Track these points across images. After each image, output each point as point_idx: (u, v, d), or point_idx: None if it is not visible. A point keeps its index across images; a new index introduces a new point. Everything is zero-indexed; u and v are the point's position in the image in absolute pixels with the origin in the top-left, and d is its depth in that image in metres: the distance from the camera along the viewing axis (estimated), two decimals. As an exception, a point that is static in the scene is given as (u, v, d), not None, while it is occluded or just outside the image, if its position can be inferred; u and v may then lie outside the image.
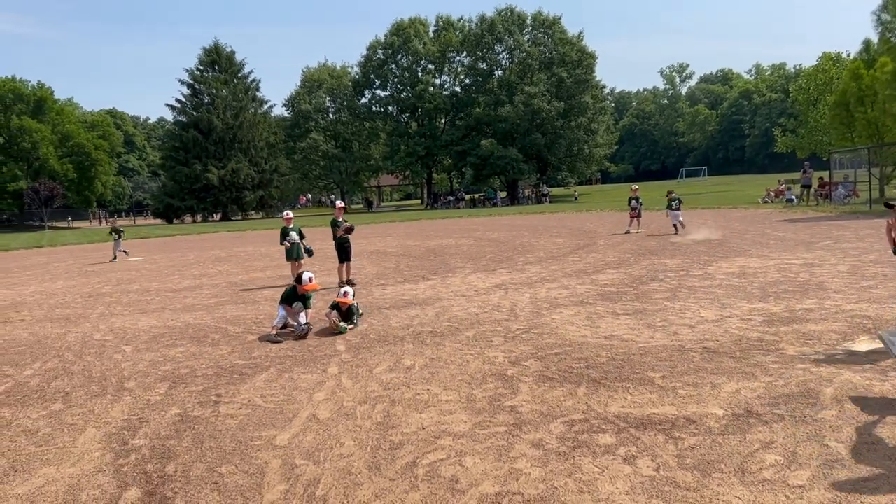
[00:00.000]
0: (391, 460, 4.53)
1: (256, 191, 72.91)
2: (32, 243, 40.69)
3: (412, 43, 72.72)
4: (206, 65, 74.48)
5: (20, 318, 11.82)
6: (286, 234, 14.06)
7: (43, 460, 4.95)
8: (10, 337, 10.07)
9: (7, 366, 8.13)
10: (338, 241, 13.46)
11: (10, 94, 76.30)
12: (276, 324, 8.94)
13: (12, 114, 75.70)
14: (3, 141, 74.79)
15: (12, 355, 8.75)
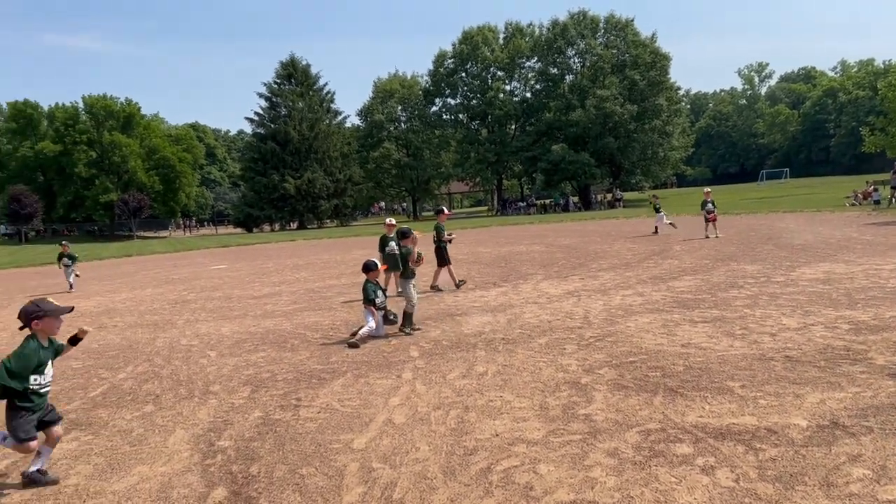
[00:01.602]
0: (466, 466, 4.59)
1: (331, 200, 74.56)
2: (122, 252, 42.86)
3: (481, 50, 73.03)
4: (283, 78, 76.79)
5: (113, 324, 12.50)
6: (386, 243, 13.29)
7: (137, 459, 5.24)
8: (105, 342, 10.66)
9: (103, 369, 8.62)
10: (438, 246, 13.78)
11: (102, 111, 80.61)
12: (372, 325, 9.10)
13: (104, 130, 79.96)
14: (96, 155, 79.03)
15: (107, 359, 9.27)
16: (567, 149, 65.44)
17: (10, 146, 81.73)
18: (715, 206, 21.71)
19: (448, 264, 13.93)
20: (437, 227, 14.03)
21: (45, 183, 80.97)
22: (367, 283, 9.41)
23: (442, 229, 13.95)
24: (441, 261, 13.88)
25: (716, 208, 21.78)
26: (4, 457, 5.49)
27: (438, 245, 13.86)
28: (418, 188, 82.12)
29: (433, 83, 77.66)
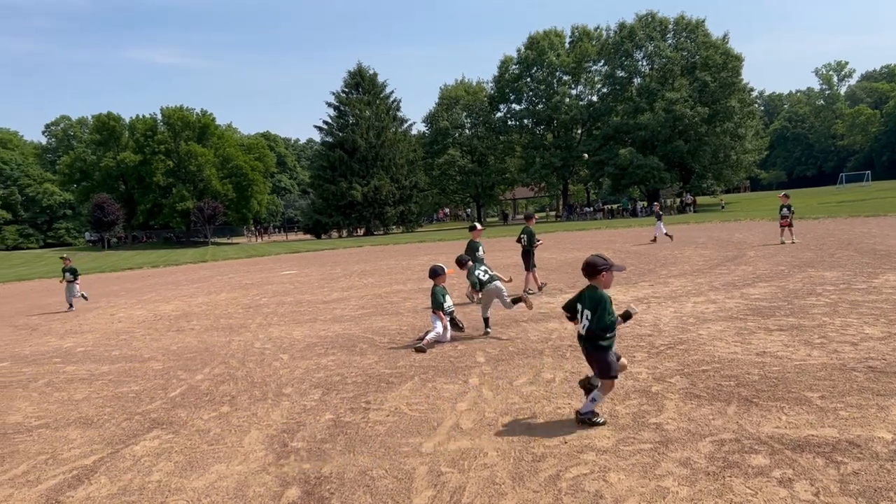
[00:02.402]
0: (534, 472, 4.59)
1: (397, 206, 75.43)
2: (198, 258, 44.42)
3: (547, 55, 72.68)
4: (350, 87, 78.24)
5: (190, 327, 12.98)
6: (475, 250, 12.65)
7: (214, 458, 5.44)
8: (183, 344, 11.08)
9: (181, 370, 8.97)
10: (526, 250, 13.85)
11: (179, 121, 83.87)
12: (440, 331, 9.18)
13: (181, 140, 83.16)
14: (173, 165, 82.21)
15: (185, 361, 9.63)
16: (635, 152, 64.42)
17: (95, 157, 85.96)
18: (792, 211, 20.95)
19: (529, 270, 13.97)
20: (527, 231, 14.00)
21: (127, 192, 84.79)
22: (435, 287, 9.49)
23: (533, 234, 13.95)
24: (527, 264, 13.94)
25: (792, 213, 21.01)
26: (93, 452, 5.79)
27: (528, 249, 13.86)
28: (483, 194, 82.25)
29: (498, 89, 77.72)
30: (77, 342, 12.25)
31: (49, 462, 5.63)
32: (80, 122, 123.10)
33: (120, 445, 5.92)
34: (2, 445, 6.21)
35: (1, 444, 6.27)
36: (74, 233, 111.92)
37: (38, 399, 8.00)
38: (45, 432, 6.54)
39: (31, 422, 6.97)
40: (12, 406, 7.73)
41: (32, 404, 7.75)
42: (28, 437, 6.41)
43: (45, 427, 6.72)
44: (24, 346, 12.41)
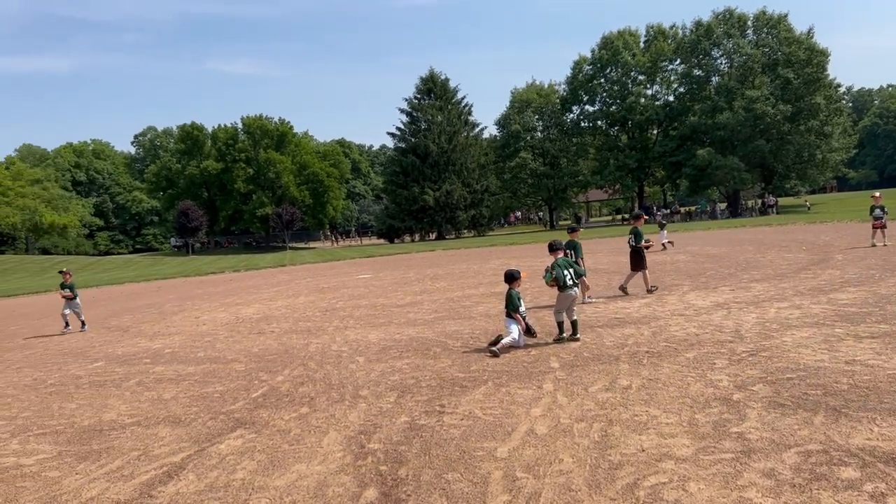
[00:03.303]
0: (611, 480, 4.53)
1: (469, 210, 75.65)
2: (277, 262, 45.73)
3: (621, 55, 71.46)
4: (422, 93, 79.02)
5: (270, 330, 13.38)
6: (577, 251, 13.05)
7: (295, 458, 5.60)
8: (264, 346, 11.44)
9: (262, 372, 9.27)
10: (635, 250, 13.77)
11: (258, 130, 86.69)
12: (515, 335, 9.17)
13: (260, 148, 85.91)
14: (253, 172, 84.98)
15: (266, 363, 9.95)
16: (714, 153, 62.51)
17: (180, 165, 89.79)
18: (885, 212, 19.90)
19: (642, 269, 13.86)
20: (635, 231, 13.88)
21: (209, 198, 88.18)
22: (510, 291, 9.45)
23: (641, 234, 13.81)
24: (637, 265, 13.82)
25: (886, 214, 19.95)
26: (181, 449, 6.05)
27: (635, 249, 13.74)
28: (555, 197, 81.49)
29: (571, 90, 76.94)
30: (165, 344, 12.82)
31: (141, 458, 5.92)
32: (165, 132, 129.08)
33: (206, 444, 6.17)
34: (99, 441, 6.57)
35: (98, 439, 6.64)
36: (161, 238, 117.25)
37: (130, 398, 8.42)
38: (137, 429, 6.88)
39: (125, 419, 7.34)
40: (107, 404, 8.17)
41: (125, 403, 8.17)
42: (122, 434, 6.75)
43: (137, 425, 7.07)
44: (116, 346, 13.08)
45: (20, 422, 7.68)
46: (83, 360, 11.83)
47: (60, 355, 12.63)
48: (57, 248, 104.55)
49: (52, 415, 7.88)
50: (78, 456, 6.15)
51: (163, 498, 4.95)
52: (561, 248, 9.89)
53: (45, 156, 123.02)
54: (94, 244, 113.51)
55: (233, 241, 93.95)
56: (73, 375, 10.36)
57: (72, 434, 6.93)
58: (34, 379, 10.39)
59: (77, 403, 8.37)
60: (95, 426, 7.15)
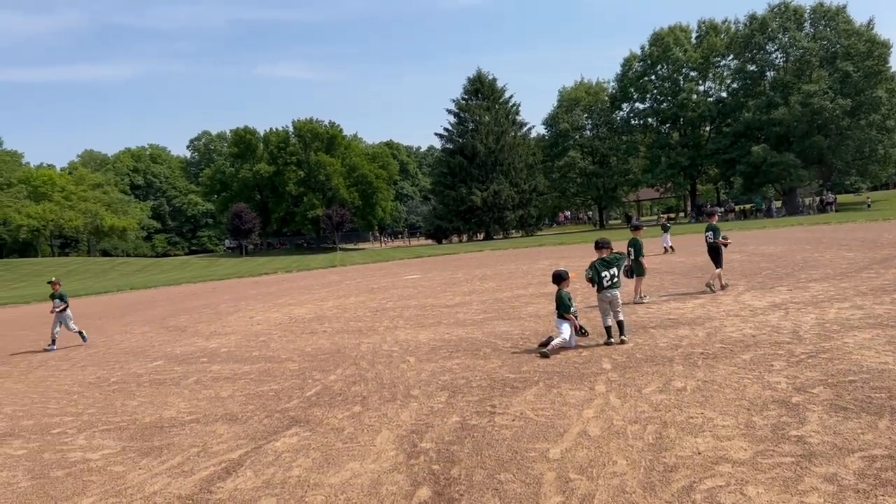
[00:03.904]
0: (666, 483, 4.47)
1: (516, 210, 75.34)
2: (327, 263, 46.36)
3: (672, 51, 70.22)
4: (470, 93, 79.03)
5: (322, 330, 13.59)
6: (639, 249, 13.02)
7: (349, 455, 5.68)
8: (317, 346, 11.63)
9: (316, 371, 9.42)
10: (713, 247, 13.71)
11: (309, 133, 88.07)
12: (566, 336, 9.13)
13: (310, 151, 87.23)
14: (304, 174, 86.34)
15: (319, 362, 10.11)
16: (769, 149, 60.86)
17: (233, 168, 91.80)
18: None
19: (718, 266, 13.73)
20: (713, 228, 13.79)
21: (262, 201, 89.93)
22: (561, 292, 9.39)
23: (718, 230, 13.66)
24: (717, 261, 13.70)
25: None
26: (238, 446, 6.20)
27: (713, 245, 13.65)
28: (605, 196, 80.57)
29: (620, 88, 75.96)
30: (221, 343, 13.14)
31: (200, 455, 6.09)
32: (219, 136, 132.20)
33: (262, 441, 6.31)
34: (160, 438, 6.78)
35: (159, 436, 6.85)
36: (215, 240, 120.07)
37: (189, 396, 8.66)
38: (196, 427, 7.07)
39: (184, 417, 7.55)
40: (167, 402, 8.42)
41: (184, 400, 8.41)
42: (181, 431, 6.96)
43: (196, 422, 7.27)
44: (175, 346, 13.46)
45: (86, 418, 7.98)
46: (143, 358, 12.22)
47: (122, 354, 13.06)
48: (117, 250, 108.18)
49: (115, 412, 8.16)
50: (140, 452, 6.36)
51: (222, 494, 5.08)
52: (606, 247, 9.73)
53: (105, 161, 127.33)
54: (152, 246, 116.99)
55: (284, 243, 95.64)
56: (135, 374, 10.70)
57: (134, 430, 7.16)
58: (97, 377, 10.77)
59: (139, 401, 8.65)
60: (156, 423, 7.38)
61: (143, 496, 5.18)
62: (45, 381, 10.82)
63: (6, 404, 9.27)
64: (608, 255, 9.65)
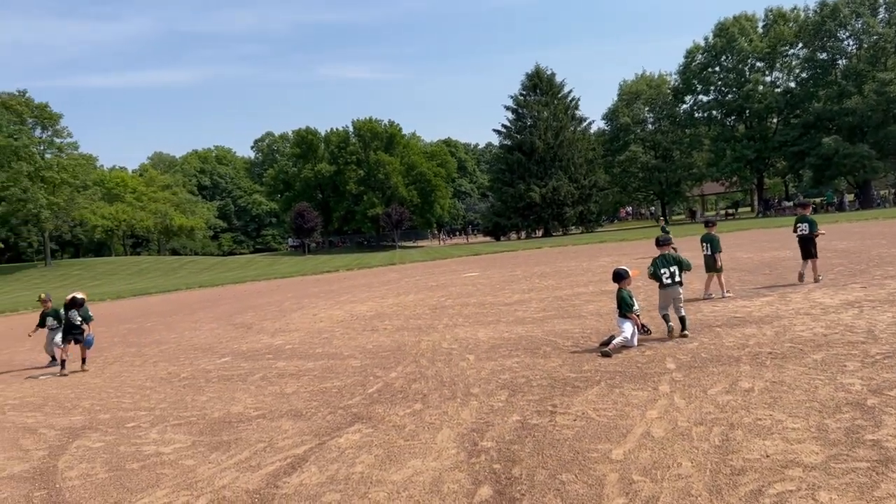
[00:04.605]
0: (733, 486, 4.37)
1: (576, 206, 74.49)
2: (387, 261, 46.84)
3: (737, 41, 68.15)
4: (528, 89, 78.51)
5: (383, 327, 13.75)
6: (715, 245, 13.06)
7: (410, 453, 5.74)
8: (377, 343, 11.78)
9: (377, 368, 9.55)
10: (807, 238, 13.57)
11: (368, 132, 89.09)
12: (628, 335, 8.99)
13: (370, 150, 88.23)
14: (364, 174, 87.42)
15: (380, 359, 10.24)
16: (841, 141, 58.45)
17: (296, 168, 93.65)
18: None
19: (812, 257, 13.53)
20: (808, 220, 13.65)
21: (323, 200, 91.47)
22: (622, 291, 9.26)
23: (815, 223, 13.54)
24: (808, 253, 13.50)
25: None
26: (303, 442, 6.34)
27: (807, 237, 13.47)
28: (667, 191, 78.83)
29: (683, 80, 74.18)
30: (285, 340, 13.44)
31: (267, 450, 6.25)
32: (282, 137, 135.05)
33: (326, 437, 6.44)
34: (228, 432, 7.00)
35: (227, 431, 7.06)
36: (279, 239, 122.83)
37: (255, 391, 8.90)
38: (263, 422, 7.26)
39: (251, 412, 7.77)
40: (234, 397, 8.67)
41: (251, 396, 8.64)
42: (248, 426, 7.15)
43: (262, 417, 7.47)
44: (241, 343, 13.84)
45: (158, 412, 8.29)
46: (212, 355, 12.61)
47: (191, 350, 13.51)
48: (185, 249, 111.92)
49: (185, 406, 8.46)
50: (210, 446, 6.57)
51: (288, 489, 5.21)
52: (667, 244, 10.13)
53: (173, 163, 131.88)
54: (219, 245, 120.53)
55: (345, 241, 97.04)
56: (203, 370, 11.06)
57: (204, 425, 7.41)
58: (169, 372, 11.17)
59: (208, 396, 8.93)
60: (225, 418, 7.62)
61: (212, 489, 5.36)
62: (120, 377, 11.28)
63: (84, 398, 9.71)
64: (669, 253, 9.87)
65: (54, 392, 10.45)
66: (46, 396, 10.15)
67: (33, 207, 70.51)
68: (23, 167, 69.58)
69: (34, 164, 71.89)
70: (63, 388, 10.76)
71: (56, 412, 8.94)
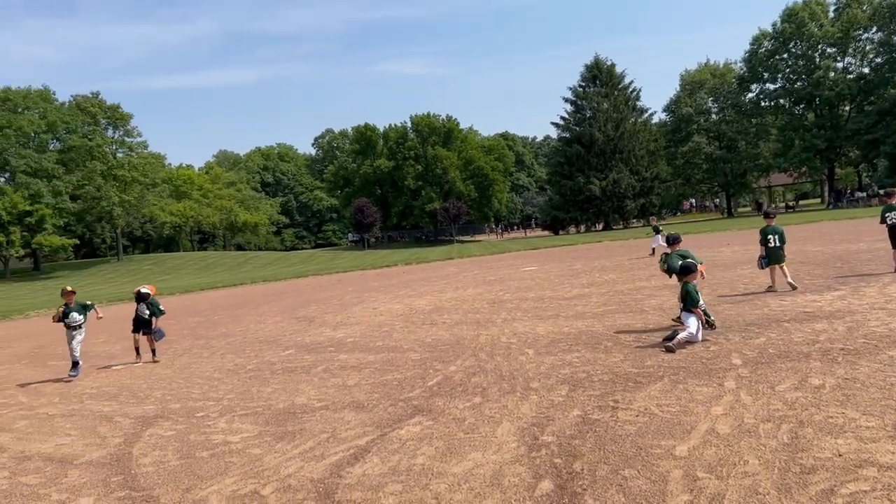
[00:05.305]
0: (803, 485, 4.24)
1: (637, 199, 73.26)
2: (445, 256, 47.02)
3: (807, 27, 65.57)
4: (587, 80, 77.52)
5: (442, 321, 13.83)
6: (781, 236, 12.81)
7: (471, 446, 5.78)
8: (437, 337, 11.86)
9: (436, 362, 9.62)
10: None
11: (427, 128, 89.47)
12: (693, 330, 8.82)
13: (428, 145, 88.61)
14: (422, 169, 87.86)
15: (439, 353, 10.31)
16: (920, 127, 55.69)
17: (355, 165, 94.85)
18: None
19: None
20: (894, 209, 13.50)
21: (382, 195, 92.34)
22: (688, 285, 9.04)
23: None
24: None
25: None
26: (365, 433, 6.45)
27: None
28: (732, 182, 76.60)
29: (749, 68, 71.85)
30: (347, 333, 13.67)
31: (330, 440, 6.38)
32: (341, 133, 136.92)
33: (387, 429, 6.53)
34: (293, 423, 7.17)
35: (292, 421, 7.24)
36: (339, 234, 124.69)
37: (318, 383, 9.08)
38: (326, 413, 7.41)
39: (314, 403, 7.94)
40: (298, 389, 8.88)
41: (314, 388, 8.83)
42: (312, 417, 7.31)
43: (325, 409, 7.62)
44: (304, 335, 14.13)
45: (226, 403, 8.55)
46: (276, 347, 12.92)
47: (257, 343, 13.87)
48: (250, 245, 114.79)
49: (252, 397, 8.70)
50: (276, 436, 6.75)
51: (351, 479, 5.31)
52: (679, 242, 10.79)
53: (237, 160, 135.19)
54: (281, 240, 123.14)
55: (403, 236, 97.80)
56: (268, 362, 11.35)
57: (269, 416, 7.61)
58: (235, 364, 11.50)
59: (273, 387, 9.17)
60: (289, 409, 7.81)
61: (278, 478, 5.51)
62: (189, 368, 11.67)
63: (156, 388, 10.09)
64: (682, 250, 10.56)
65: (128, 382, 10.90)
66: (121, 386, 10.59)
67: (106, 205, 73.50)
68: (96, 166, 72.63)
69: (107, 163, 74.93)
70: (136, 378, 11.21)
71: (130, 401, 9.32)
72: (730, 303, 11.86)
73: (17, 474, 6.39)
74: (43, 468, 6.50)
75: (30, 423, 8.62)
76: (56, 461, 6.69)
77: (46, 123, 70.57)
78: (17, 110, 70.39)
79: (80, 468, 6.37)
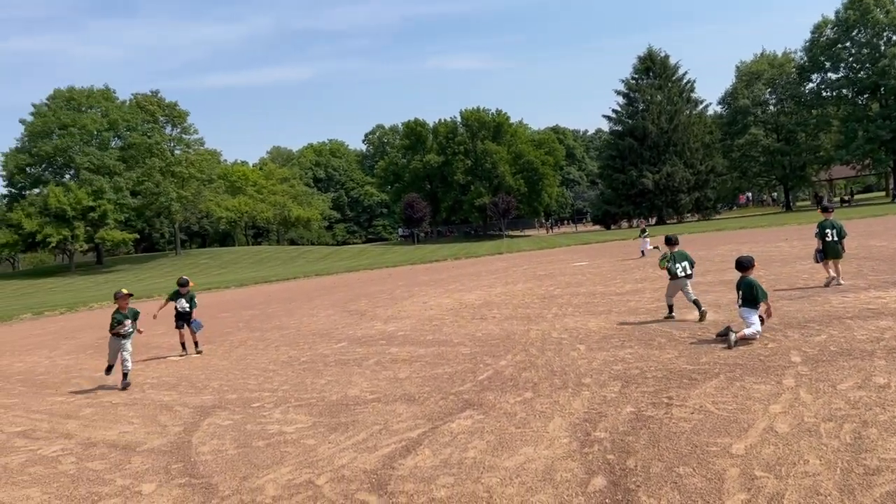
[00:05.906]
0: (867, 487, 4.12)
1: (692, 193, 71.80)
2: (494, 250, 46.94)
3: (872, 14, 63.11)
4: (640, 73, 76.26)
5: (492, 316, 13.82)
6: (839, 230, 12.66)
7: (522, 440, 5.77)
8: (486, 331, 11.86)
9: (487, 356, 9.63)
10: None
11: (476, 122, 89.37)
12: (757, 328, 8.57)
13: (478, 139, 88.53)
14: (471, 163, 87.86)
15: (489, 347, 10.31)
16: None
17: (405, 160, 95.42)
18: None
19: None
20: None
21: (431, 190, 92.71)
22: (749, 280, 8.76)
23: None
24: None
25: None
26: (417, 426, 6.51)
27: None
28: (791, 175, 74.37)
29: (810, 58, 69.55)
30: (398, 327, 13.78)
31: (382, 432, 6.46)
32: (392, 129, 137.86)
33: (439, 422, 6.57)
34: (345, 414, 7.28)
35: (345, 413, 7.35)
36: (389, 229, 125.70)
37: (370, 376, 9.20)
38: (378, 405, 7.50)
39: (367, 395, 8.04)
40: (351, 381, 9.00)
41: (366, 380, 8.94)
42: (365, 409, 7.41)
43: (377, 401, 7.71)
44: (356, 329, 14.31)
45: (281, 394, 8.73)
46: (329, 340, 13.12)
47: (310, 335, 14.10)
48: (302, 239, 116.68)
49: (305, 389, 8.86)
50: (329, 427, 6.86)
51: (403, 470, 5.37)
52: (676, 243, 10.99)
53: (290, 156, 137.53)
54: (333, 235, 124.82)
55: (453, 231, 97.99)
56: (322, 354, 11.53)
57: (323, 407, 7.74)
58: (289, 356, 11.72)
59: (326, 379, 9.32)
60: (342, 401, 7.92)
61: (332, 468, 5.60)
62: (245, 359, 11.95)
63: (214, 379, 10.36)
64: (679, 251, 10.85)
65: (187, 373, 11.22)
66: (180, 377, 10.91)
67: (165, 200, 75.67)
68: (155, 163, 74.84)
69: (165, 159, 77.14)
70: (194, 369, 11.53)
71: (189, 391, 9.60)
72: (788, 299, 11.54)
73: (83, 460, 6.66)
74: (107, 454, 6.75)
75: (95, 410, 8.96)
76: (120, 448, 6.94)
77: (108, 121, 72.99)
78: (80, 109, 72.99)
79: (142, 455, 6.60)
